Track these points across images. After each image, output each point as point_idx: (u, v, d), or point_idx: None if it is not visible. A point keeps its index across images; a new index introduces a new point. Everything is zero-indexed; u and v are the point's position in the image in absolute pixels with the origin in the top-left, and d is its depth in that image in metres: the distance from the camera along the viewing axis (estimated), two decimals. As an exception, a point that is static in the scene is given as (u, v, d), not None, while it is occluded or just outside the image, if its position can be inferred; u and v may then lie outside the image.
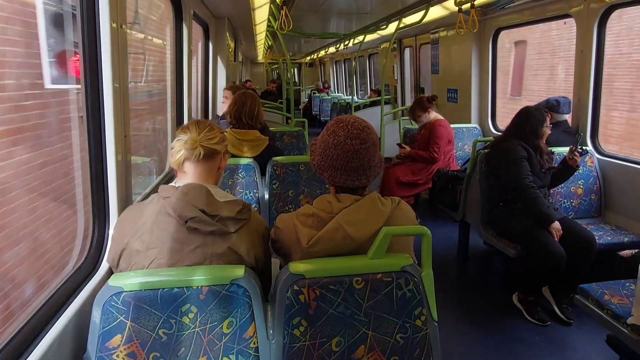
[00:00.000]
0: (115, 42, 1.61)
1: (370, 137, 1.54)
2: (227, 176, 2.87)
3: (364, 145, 1.52)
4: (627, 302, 2.23)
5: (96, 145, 1.60)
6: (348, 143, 1.52)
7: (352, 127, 1.54)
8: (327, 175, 1.57)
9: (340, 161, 1.53)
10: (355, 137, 1.52)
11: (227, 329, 1.38)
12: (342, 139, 1.52)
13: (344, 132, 1.53)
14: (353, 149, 1.51)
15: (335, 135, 1.54)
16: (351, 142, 1.52)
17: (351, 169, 1.53)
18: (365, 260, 1.45)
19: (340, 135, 1.53)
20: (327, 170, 1.56)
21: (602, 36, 3.50)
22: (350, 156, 1.52)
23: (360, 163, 1.53)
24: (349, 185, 1.55)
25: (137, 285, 1.34)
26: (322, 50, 13.27)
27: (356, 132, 1.53)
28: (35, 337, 1.24)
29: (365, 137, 1.53)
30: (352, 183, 1.54)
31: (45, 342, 1.23)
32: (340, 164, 1.53)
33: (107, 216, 1.65)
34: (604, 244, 3.04)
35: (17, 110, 2.20)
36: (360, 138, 1.52)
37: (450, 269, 3.82)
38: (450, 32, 5.63)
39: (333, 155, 1.54)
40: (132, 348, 1.33)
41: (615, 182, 3.43)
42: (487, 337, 2.89)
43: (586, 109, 3.63)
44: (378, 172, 1.60)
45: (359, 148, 1.52)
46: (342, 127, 1.54)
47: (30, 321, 1.26)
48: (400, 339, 1.45)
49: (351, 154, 1.52)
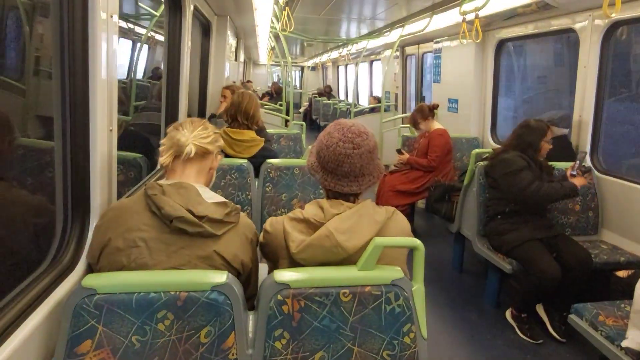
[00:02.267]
0: (105, 32, 1.55)
1: (365, 143, 1.48)
2: (220, 176, 2.81)
3: (356, 151, 1.46)
4: (621, 324, 2.17)
5: (79, 138, 1.54)
6: (340, 146, 1.46)
7: (347, 131, 1.48)
8: (319, 178, 1.52)
9: (331, 164, 1.48)
10: (348, 140, 1.46)
11: (205, 338, 1.31)
12: (335, 141, 1.47)
13: (338, 134, 1.48)
14: (345, 153, 1.46)
15: (330, 137, 1.49)
16: (343, 146, 1.46)
17: (342, 174, 1.48)
18: (354, 271, 1.38)
19: (334, 137, 1.48)
20: (319, 172, 1.52)
21: (605, 53, 3.47)
22: (341, 160, 1.46)
23: (351, 168, 1.47)
24: (339, 190, 1.49)
25: (111, 288, 1.27)
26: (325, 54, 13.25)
27: (350, 136, 1.47)
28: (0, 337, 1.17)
29: (359, 142, 1.47)
30: (342, 188, 1.49)
31: (10, 344, 1.16)
32: (331, 167, 1.48)
33: (88, 212, 1.58)
34: (600, 263, 2.99)
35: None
36: (354, 142, 1.46)
37: (443, 282, 3.76)
38: (454, 41, 5.59)
39: (325, 157, 1.49)
40: (103, 355, 1.25)
41: (613, 201, 3.38)
42: (478, 353, 2.82)
43: (587, 126, 3.59)
44: (373, 182, 1.53)
45: (351, 153, 1.46)
46: (338, 130, 1.49)
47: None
48: (387, 356, 1.39)
49: (342, 157, 1.46)
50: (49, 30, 1.49)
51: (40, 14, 1.83)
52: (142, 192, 1.47)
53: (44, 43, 1.80)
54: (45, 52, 1.78)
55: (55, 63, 1.46)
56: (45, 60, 1.85)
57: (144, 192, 1.46)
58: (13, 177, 1.68)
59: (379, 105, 7.63)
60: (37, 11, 1.89)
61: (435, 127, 4.62)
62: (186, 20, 3.07)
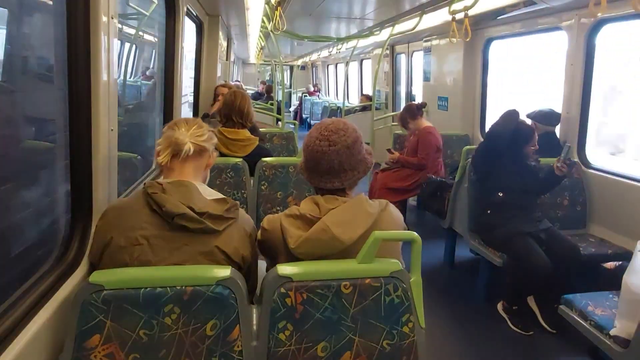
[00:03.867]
0: (106, 34, 1.57)
1: (342, 139, 1.51)
2: (215, 175, 2.83)
3: (332, 147, 1.50)
4: (610, 314, 2.24)
5: (81, 138, 1.56)
6: (317, 144, 1.51)
7: (324, 129, 1.53)
8: (305, 176, 1.58)
9: (311, 162, 1.54)
10: (324, 138, 1.51)
11: (211, 331, 1.34)
12: (312, 140, 1.53)
13: (316, 133, 1.53)
14: (321, 151, 1.50)
15: (309, 136, 1.55)
16: (319, 144, 1.51)
17: (322, 171, 1.53)
18: (354, 264, 1.43)
19: (312, 136, 1.54)
20: (304, 171, 1.58)
21: (592, 50, 3.55)
22: (318, 157, 1.51)
23: (329, 165, 1.51)
24: (323, 187, 1.55)
25: (118, 284, 1.30)
26: (314, 54, 13.28)
27: (327, 134, 1.51)
28: (10, 334, 1.19)
29: (335, 140, 1.50)
30: (325, 185, 1.54)
31: (20, 340, 1.19)
32: (311, 165, 1.54)
33: (91, 212, 1.60)
34: (588, 255, 3.07)
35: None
36: (330, 140, 1.50)
37: (436, 277, 3.82)
38: (443, 40, 5.66)
39: (307, 156, 1.55)
40: (111, 349, 1.28)
41: (600, 195, 3.47)
42: (471, 346, 2.89)
43: (575, 122, 3.68)
44: (359, 176, 1.56)
45: (327, 150, 1.50)
46: (317, 129, 1.54)
47: (5, 318, 1.21)
48: (387, 345, 1.43)
49: (319, 155, 1.51)
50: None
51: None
52: (142, 190, 1.49)
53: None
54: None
55: (59, 65, 1.48)
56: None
57: (143, 190, 1.49)
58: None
59: (369, 103, 7.67)
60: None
61: (425, 125, 4.68)
62: (179, 20, 3.09)
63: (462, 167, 3.60)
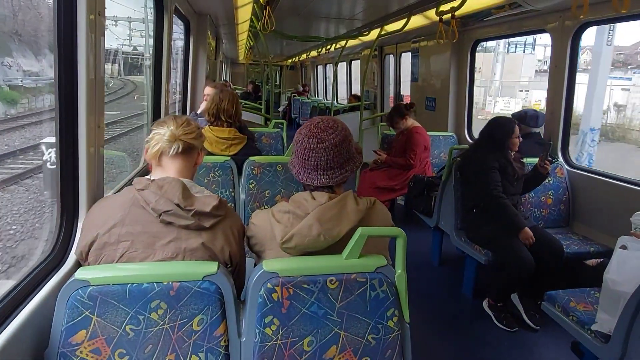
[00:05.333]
0: (93, 31, 1.57)
1: (330, 137, 1.52)
2: (203, 174, 2.83)
3: (321, 145, 1.52)
4: (592, 310, 2.29)
5: (68, 135, 1.56)
6: (305, 141, 1.53)
7: (314, 126, 1.55)
8: (294, 173, 1.59)
9: (301, 159, 1.56)
10: (313, 135, 1.53)
11: (197, 326, 1.35)
12: (302, 137, 1.55)
13: (305, 130, 1.55)
14: (309, 147, 1.53)
15: (299, 134, 1.57)
16: (308, 141, 1.53)
17: (311, 167, 1.55)
18: (340, 260, 1.45)
19: (301, 134, 1.56)
20: (294, 167, 1.60)
21: (575, 52, 3.62)
22: (306, 154, 1.53)
23: (317, 162, 1.53)
24: (311, 184, 1.56)
25: (104, 280, 1.30)
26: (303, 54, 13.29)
27: (316, 131, 1.53)
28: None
29: (324, 137, 1.52)
30: (312, 181, 1.55)
31: (4, 335, 1.19)
32: (301, 162, 1.56)
33: (77, 208, 1.60)
34: (571, 253, 3.13)
35: None
36: (318, 137, 1.52)
37: (423, 274, 3.86)
38: (431, 41, 5.72)
39: (296, 152, 1.57)
40: (97, 344, 1.29)
41: (583, 194, 3.54)
42: (456, 342, 2.93)
43: (558, 122, 3.74)
44: (346, 173, 1.57)
45: (315, 147, 1.52)
46: (306, 126, 1.56)
47: None
48: (372, 339, 1.46)
49: (307, 152, 1.53)
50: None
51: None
52: (129, 187, 1.50)
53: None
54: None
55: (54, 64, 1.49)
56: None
57: (131, 187, 1.49)
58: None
59: (358, 104, 7.70)
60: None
61: (413, 125, 4.72)
62: (168, 18, 3.08)
63: (449, 166, 3.64)
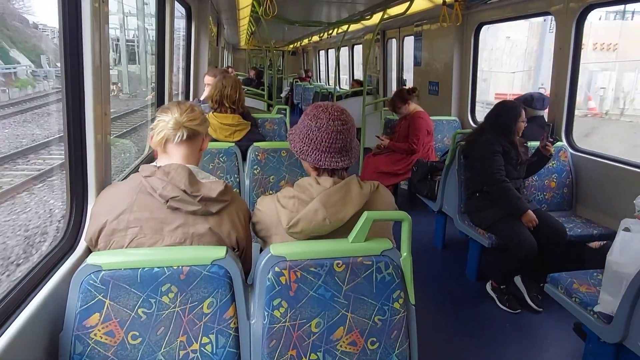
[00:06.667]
0: (97, 19, 1.58)
1: (349, 118, 1.61)
2: (207, 160, 2.85)
3: (345, 126, 1.57)
4: (594, 291, 2.32)
5: (75, 123, 1.58)
6: (331, 125, 1.55)
7: (333, 110, 1.59)
8: (312, 159, 1.58)
9: (325, 143, 1.56)
10: (336, 118, 1.57)
11: (207, 309, 1.38)
12: (324, 122, 1.56)
13: (325, 115, 1.57)
14: (336, 130, 1.56)
15: (317, 119, 1.57)
16: (334, 124, 1.56)
17: (335, 150, 1.57)
18: (346, 244, 1.47)
19: (322, 119, 1.57)
20: (311, 153, 1.58)
21: (580, 34, 3.59)
22: (334, 137, 1.56)
23: (343, 144, 1.57)
24: (334, 167, 1.58)
25: (116, 265, 1.33)
26: (305, 39, 13.18)
27: (337, 114, 1.58)
28: (10, 315, 1.22)
29: (345, 119, 1.59)
30: (337, 164, 1.58)
31: (19, 321, 1.22)
32: (325, 146, 1.56)
33: (86, 195, 1.62)
34: (574, 236, 3.15)
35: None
36: (341, 119, 1.58)
37: (428, 258, 3.90)
38: (434, 25, 5.66)
39: (317, 139, 1.56)
40: (111, 327, 1.32)
41: (587, 177, 3.54)
42: (460, 323, 2.97)
43: (562, 105, 3.73)
44: (357, 155, 1.65)
45: (342, 129, 1.56)
46: (323, 111, 1.58)
47: (4, 300, 1.24)
48: (378, 320, 1.49)
49: (335, 134, 1.56)
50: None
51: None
52: (136, 174, 1.51)
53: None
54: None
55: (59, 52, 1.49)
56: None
57: (137, 174, 1.51)
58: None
59: (360, 89, 7.67)
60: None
61: (416, 109, 4.71)
62: (170, 4, 3.07)
63: (452, 150, 3.65)
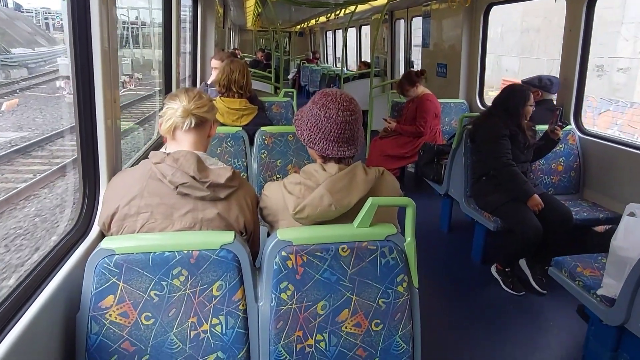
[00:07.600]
0: (105, 3, 1.59)
1: (357, 108, 1.62)
2: (215, 144, 2.88)
3: (353, 117, 1.59)
4: (598, 275, 2.34)
5: (86, 110, 1.61)
6: (340, 115, 1.57)
7: (342, 100, 1.59)
8: (319, 148, 1.60)
9: (333, 133, 1.58)
10: (345, 109, 1.58)
11: (217, 291, 1.43)
12: (334, 112, 1.57)
13: (334, 105, 1.58)
14: (345, 121, 1.57)
15: (326, 109, 1.58)
16: (343, 114, 1.57)
17: (343, 140, 1.59)
18: (352, 229, 1.50)
19: (331, 109, 1.58)
20: (319, 142, 1.60)
21: (591, 17, 3.53)
22: (342, 127, 1.57)
23: (351, 134, 1.59)
24: (341, 156, 1.60)
25: (129, 249, 1.38)
26: (312, 20, 13.04)
27: (346, 104, 1.59)
28: (29, 298, 1.28)
29: (353, 109, 1.60)
30: (344, 153, 1.60)
31: (38, 302, 1.27)
32: (333, 136, 1.58)
33: (98, 181, 1.66)
34: (580, 220, 3.16)
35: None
36: (350, 109, 1.59)
37: (433, 241, 3.93)
38: (443, 5, 5.58)
39: (326, 128, 1.58)
40: (125, 308, 1.37)
41: (594, 161, 3.53)
42: (465, 305, 3.01)
43: (571, 88, 3.69)
44: (362, 143, 1.68)
45: (350, 119, 1.58)
46: (332, 101, 1.59)
47: (23, 283, 1.29)
48: (382, 303, 1.53)
49: (344, 125, 1.57)
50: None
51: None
52: (146, 161, 1.55)
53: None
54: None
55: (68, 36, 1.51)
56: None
57: (147, 160, 1.54)
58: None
59: (368, 71, 7.61)
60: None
61: (423, 92, 4.68)
62: None
63: (459, 134, 3.64)
